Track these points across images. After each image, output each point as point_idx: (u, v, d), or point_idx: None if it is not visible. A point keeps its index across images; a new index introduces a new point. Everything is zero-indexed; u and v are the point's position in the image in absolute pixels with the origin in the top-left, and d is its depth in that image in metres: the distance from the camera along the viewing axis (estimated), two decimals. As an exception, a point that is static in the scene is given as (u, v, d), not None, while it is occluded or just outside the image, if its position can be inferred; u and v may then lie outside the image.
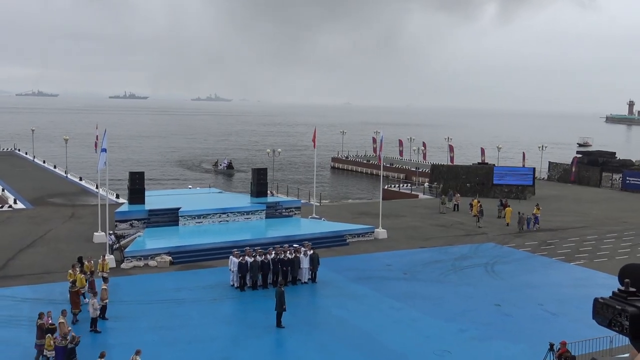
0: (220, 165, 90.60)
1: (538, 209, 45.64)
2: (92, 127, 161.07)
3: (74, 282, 22.65)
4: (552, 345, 17.67)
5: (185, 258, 30.82)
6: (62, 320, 18.42)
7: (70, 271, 23.52)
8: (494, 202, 48.32)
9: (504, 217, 45.29)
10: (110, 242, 30.60)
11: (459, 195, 49.87)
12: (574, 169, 69.37)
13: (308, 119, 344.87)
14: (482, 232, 40.40)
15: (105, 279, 23.35)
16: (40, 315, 18.58)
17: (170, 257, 30.44)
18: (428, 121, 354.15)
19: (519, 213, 42.83)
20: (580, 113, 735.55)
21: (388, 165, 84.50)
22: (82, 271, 24.19)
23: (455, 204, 48.74)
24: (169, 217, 36.36)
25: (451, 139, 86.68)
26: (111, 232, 32.04)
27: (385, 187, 63.15)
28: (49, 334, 17.88)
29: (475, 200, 46.23)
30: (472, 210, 46.46)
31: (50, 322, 18.30)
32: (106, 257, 27.13)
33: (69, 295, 22.39)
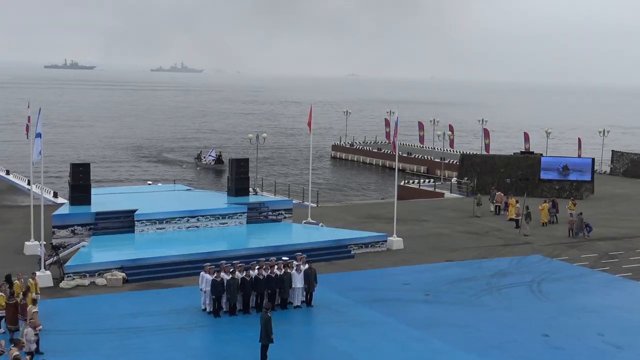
0: (205, 158, 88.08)
1: (574, 204, 45.81)
2: (22, 106, 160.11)
3: (12, 294, 23.38)
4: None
5: (143, 274, 30.82)
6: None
7: (0, 294, 23.71)
8: (541, 203, 48.29)
9: (554, 221, 45.43)
10: (45, 256, 30.53)
11: (501, 194, 49.76)
12: (644, 160, 69.45)
13: (302, 94, 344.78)
14: (525, 241, 40.50)
15: (34, 301, 23.40)
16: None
17: (123, 274, 30.43)
18: (457, 98, 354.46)
19: (571, 215, 42.94)
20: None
21: (405, 155, 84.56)
22: (11, 293, 24.22)
23: (497, 206, 48.82)
24: (122, 222, 36.31)
25: (486, 121, 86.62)
26: (44, 242, 31.91)
27: (402, 183, 63.18)
28: None
29: (513, 199, 46.36)
30: (508, 211, 46.60)
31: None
32: (37, 274, 27.06)
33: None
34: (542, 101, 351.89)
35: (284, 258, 28.58)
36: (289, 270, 27.19)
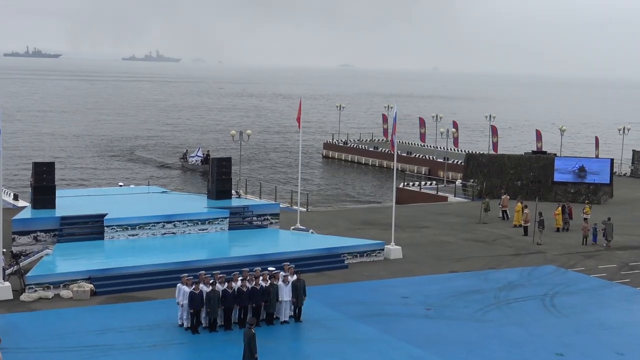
0: (192, 157, 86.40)
1: (589, 207, 46.02)
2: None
3: None
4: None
5: (114, 286, 30.71)
6: None
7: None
8: (556, 208, 48.48)
9: (566, 228, 45.61)
10: (5, 265, 30.39)
11: (507, 197, 49.98)
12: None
13: (291, 87, 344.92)
14: (537, 250, 40.59)
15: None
16: None
17: (91, 285, 30.31)
18: (462, 92, 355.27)
19: (585, 221, 43.12)
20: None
21: (404, 155, 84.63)
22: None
23: (503, 211, 49.01)
24: (91, 228, 36.24)
25: (494, 117, 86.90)
26: (3, 250, 31.79)
27: (401, 185, 63.24)
28: None
29: (519, 204, 46.57)
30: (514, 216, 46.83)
31: None
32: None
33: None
34: (554, 95, 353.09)
35: (270, 268, 28.50)
36: (275, 282, 27.13)
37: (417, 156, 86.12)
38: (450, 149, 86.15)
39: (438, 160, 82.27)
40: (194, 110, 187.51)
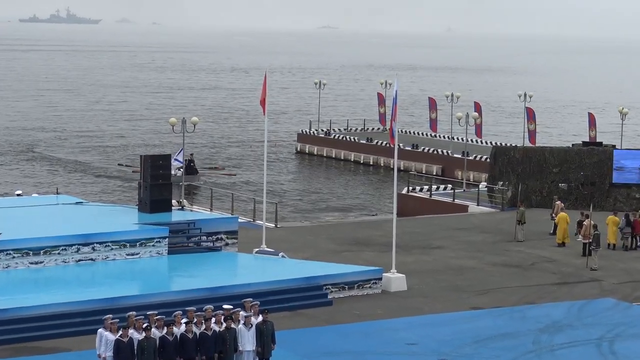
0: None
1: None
2: None
3: None
4: None
5: (10, 334, 30.51)
6: None
7: None
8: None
9: (631, 245, 45.79)
10: None
11: (559, 203, 49.79)
12: None
13: (253, 57, 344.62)
14: (591, 277, 40.71)
15: None
16: None
17: (-21, 333, 30.19)
18: (485, 61, 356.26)
19: None
20: None
21: (408, 149, 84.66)
22: None
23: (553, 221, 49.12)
24: (-23, 254, 36.03)
25: (530, 97, 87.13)
26: None
27: (404, 190, 63.24)
28: None
29: (564, 214, 46.64)
30: (581, 230, 46.98)
31: None
32: None
33: None
34: (613, 65, 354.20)
35: (225, 306, 28.50)
36: (233, 325, 27.11)
37: (425, 150, 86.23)
38: (472, 141, 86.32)
39: (455, 155, 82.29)
40: (119, 89, 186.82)
